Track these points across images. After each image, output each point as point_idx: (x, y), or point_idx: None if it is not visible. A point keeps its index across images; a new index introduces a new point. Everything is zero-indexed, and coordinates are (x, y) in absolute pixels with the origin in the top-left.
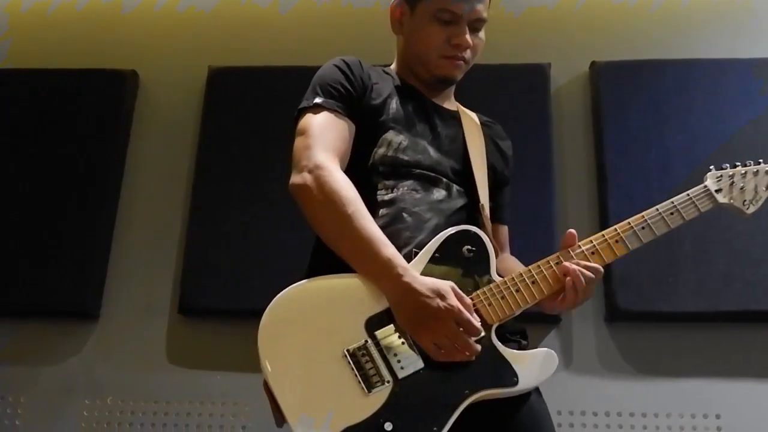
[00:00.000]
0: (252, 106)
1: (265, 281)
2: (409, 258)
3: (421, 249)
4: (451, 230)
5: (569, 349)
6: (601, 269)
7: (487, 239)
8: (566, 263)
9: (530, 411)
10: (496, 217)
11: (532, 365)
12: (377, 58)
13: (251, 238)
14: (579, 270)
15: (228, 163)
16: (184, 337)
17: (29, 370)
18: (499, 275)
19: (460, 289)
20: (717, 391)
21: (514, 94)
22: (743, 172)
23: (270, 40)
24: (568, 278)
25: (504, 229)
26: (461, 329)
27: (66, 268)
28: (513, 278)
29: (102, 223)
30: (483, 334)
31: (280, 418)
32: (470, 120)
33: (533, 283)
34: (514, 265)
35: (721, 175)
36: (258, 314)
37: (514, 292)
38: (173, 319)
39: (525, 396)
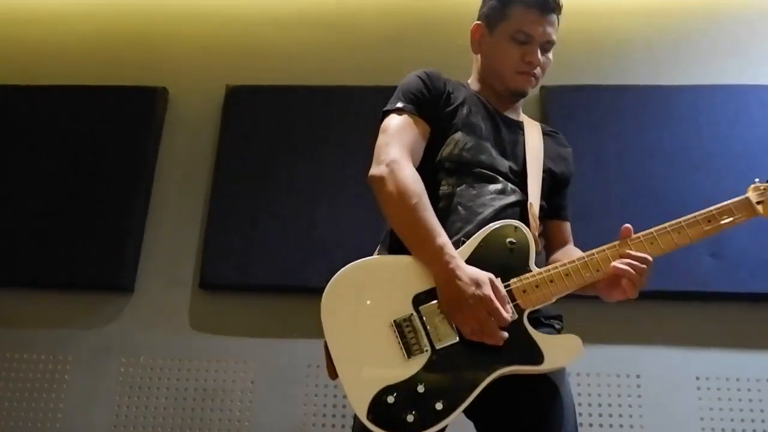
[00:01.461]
0: (262, 116)
1: (271, 263)
2: (457, 245)
3: (467, 237)
4: (497, 224)
5: None
6: (650, 258)
7: (529, 233)
8: (614, 262)
9: (558, 397)
10: (559, 214)
11: (559, 348)
12: (379, 75)
13: (261, 227)
14: (628, 262)
15: (242, 163)
16: (203, 307)
17: (75, 334)
18: (554, 261)
19: (501, 276)
20: (637, 355)
21: None
22: None
23: (281, 62)
24: (619, 273)
25: (566, 225)
26: (491, 317)
27: (107, 249)
28: (549, 269)
29: (137, 212)
30: (510, 321)
31: (332, 372)
32: (533, 129)
33: (567, 275)
34: (572, 252)
35: (764, 189)
36: (264, 289)
37: (548, 282)
38: (195, 292)
39: (551, 383)
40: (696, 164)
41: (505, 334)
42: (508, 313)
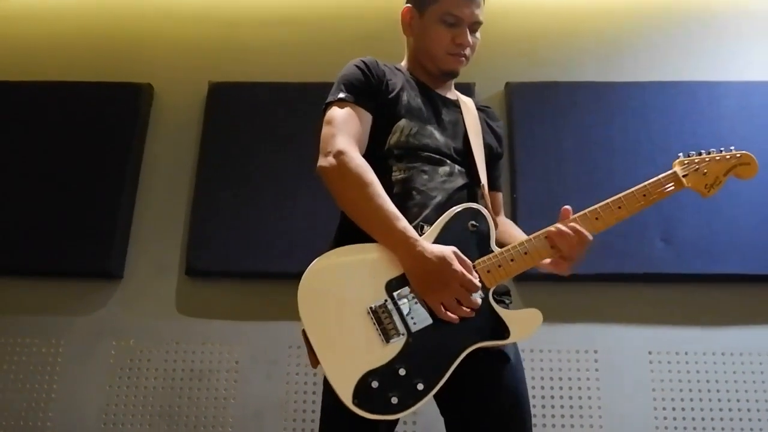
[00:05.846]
0: (243, 111)
1: (251, 251)
2: (418, 231)
3: (426, 222)
4: (459, 207)
5: None
6: (588, 235)
7: (489, 215)
8: (551, 230)
9: (511, 366)
10: (494, 186)
11: (522, 322)
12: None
13: (242, 217)
14: (562, 230)
15: (225, 155)
16: (189, 292)
17: (67, 319)
18: (498, 240)
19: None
20: (595, 332)
21: None
22: (707, 159)
23: (261, 60)
24: (553, 244)
25: (499, 195)
26: (463, 288)
27: (97, 239)
28: (509, 249)
29: (125, 203)
30: (481, 292)
31: (314, 361)
32: (468, 106)
33: (525, 253)
34: (509, 227)
35: (688, 162)
36: (245, 276)
37: (509, 261)
38: (181, 278)
39: (508, 354)
40: (647, 157)
41: (479, 300)
42: (477, 278)
